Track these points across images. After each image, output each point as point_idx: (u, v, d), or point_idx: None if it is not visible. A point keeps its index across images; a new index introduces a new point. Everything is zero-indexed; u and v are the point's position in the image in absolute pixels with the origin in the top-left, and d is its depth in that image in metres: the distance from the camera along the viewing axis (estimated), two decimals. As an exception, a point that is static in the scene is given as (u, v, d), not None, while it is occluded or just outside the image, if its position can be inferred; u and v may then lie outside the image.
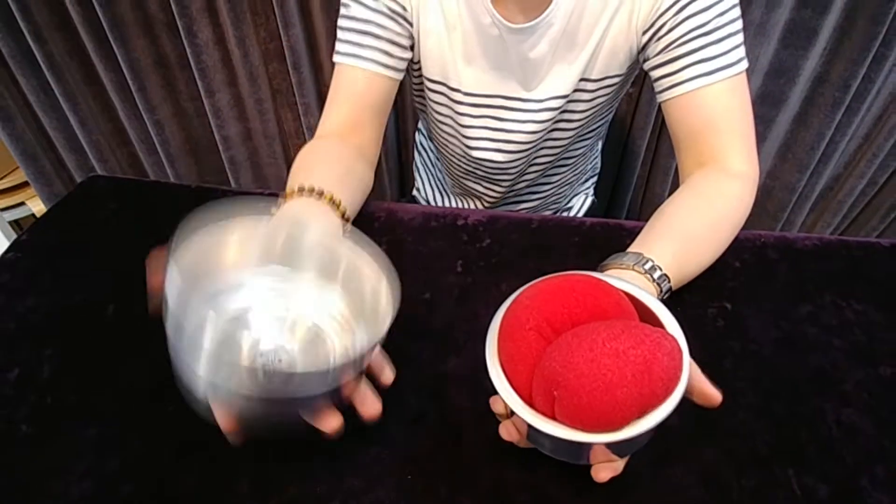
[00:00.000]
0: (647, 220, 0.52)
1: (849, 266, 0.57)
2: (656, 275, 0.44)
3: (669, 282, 0.45)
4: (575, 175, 0.82)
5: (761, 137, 1.12)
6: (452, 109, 0.67)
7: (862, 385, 0.46)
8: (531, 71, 0.61)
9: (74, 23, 1.03)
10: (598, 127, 0.73)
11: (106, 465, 0.41)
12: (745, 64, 0.54)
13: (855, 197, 1.23)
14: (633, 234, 0.51)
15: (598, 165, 0.91)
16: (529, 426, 0.33)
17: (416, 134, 0.92)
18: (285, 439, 0.40)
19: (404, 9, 0.60)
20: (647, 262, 0.45)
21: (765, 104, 1.07)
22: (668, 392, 0.32)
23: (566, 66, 0.61)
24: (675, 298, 0.47)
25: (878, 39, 0.95)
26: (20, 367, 0.48)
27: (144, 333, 0.39)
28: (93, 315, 0.53)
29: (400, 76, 0.63)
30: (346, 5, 0.60)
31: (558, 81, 0.62)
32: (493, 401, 0.38)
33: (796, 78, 1.02)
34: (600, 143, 0.89)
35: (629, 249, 0.47)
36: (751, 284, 0.54)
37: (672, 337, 0.33)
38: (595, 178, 0.91)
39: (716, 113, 0.55)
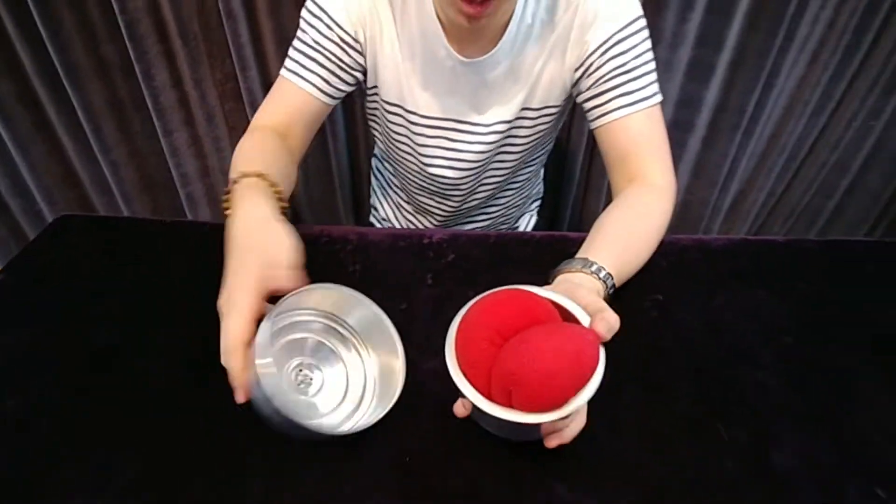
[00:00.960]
0: (588, 232, 0.62)
1: (752, 261, 0.68)
2: (602, 274, 0.53)
3: (613, 280, 0.54)
4: (521, 199, 0.92)
5: (676, 159, 1.27)
6: (409, 129, 0.74)
7: (769, 354, 0.56)
8: (480, 98, 0.70)
9: (25, 67, 1.04)
10: (541, 155, 0.83)
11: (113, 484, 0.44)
12: (659, 97, 0.66)
13: (759, 207, 1.41)
14: (577, 244, 0.59)
15: (542, 190, 1.02)
16: (493, 416, 0.40)
17: (373, 160, 0.99)
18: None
19: (356, 41, 0.67)
20: (593, 264, 0.53)
21: (677, 130, 1.23)
22: (592, 371, 0.40)
23: (510, 96, 0.70)
24: (617, 294, 0.56)
25: (766, 70, 1.13)
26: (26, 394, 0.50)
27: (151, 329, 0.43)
28: (86, 343, 0.55)
29: (334, 103, 0.70)
30: (302, 29, 0.67)
31: (503, 109, 0.71)
32: (456, 406, 0.45)
33: (700, 107, 1.19)
34: (542, 171, 1.00)
35: (577, 256, 0.56)
36: (677, 280, 0.65)
37: (590, 329, 0.42)
38: (539, 201, 1.01)
39: (639, 137, 0.66)
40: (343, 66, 0.68)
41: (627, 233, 0.60)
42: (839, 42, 1.14)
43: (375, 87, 0.72)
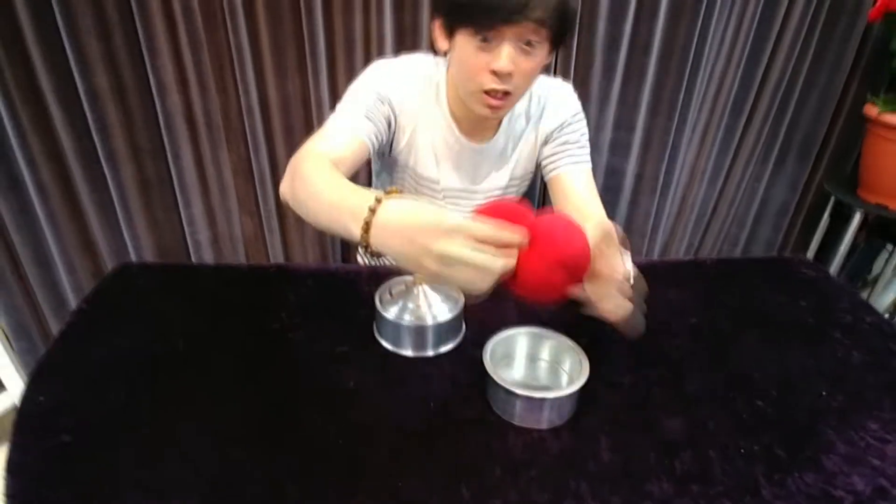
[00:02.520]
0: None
1: (666, 270, 0.93)
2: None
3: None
4: None
5: (610, 216, 1.55)
6: (420, 190, 0.96)
7: (681, 326, 0.78)
8: (481, 172, 0.95)
9: (66, 152, 1.22)
10: None
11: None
12: (590, 164, 0.94)
13: (681, 255, 1.71)
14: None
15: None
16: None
17: None
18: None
19: (395, 119, 0.87)
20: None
21: (608, 193, 1.53)
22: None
23: (502, 170, 0.96)
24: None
25: (668, 147, 1.46)
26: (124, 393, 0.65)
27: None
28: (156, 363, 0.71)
29: (369, 153, 0.82)
30: (352, 96, 0.83)
31: (497, 179, 0.97)
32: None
33: (624, 175, 1.50)
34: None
35: None
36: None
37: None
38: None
39: (580, 185, 0.92)
40: (383, 127, 0.85)
41: None
42: (720, 123, 1.51)
43: (413, 165, 0.93)
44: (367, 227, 0.54)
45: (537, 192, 1.41)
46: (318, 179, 0.65)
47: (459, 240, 0.50)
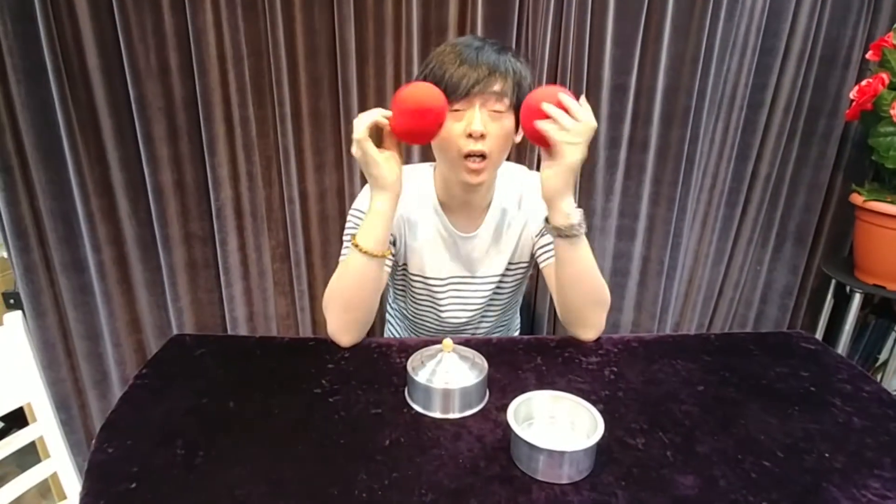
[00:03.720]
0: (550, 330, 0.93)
1: (675, 344, 1.00)
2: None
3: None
4: (507, 330, 1.24)
5: (619, 298, 1.65)
6: (429, 289, 1.07)
7: (688, 394, 0.84)
8: (474, 262, 1.06)
9: (125, 236, 1.37)
10: (519, 297, 1.18)
11: None
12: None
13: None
14: (557, 342, 0.90)
15: (519, 322, 1.34)
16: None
17: (389, 308, 1.30)
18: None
19: (392, 232, 0.99)
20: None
21: (616, 276, 1.63)
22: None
23: (496, 258, 1.06)
24: (580, 363, 0.85)
25: (671, 233, 1.58)
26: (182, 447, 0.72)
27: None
28: (216, 415, 0.79)
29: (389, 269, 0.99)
30: (351, 226, 0.99)
31: (493, 267, 1.07)
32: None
33: (630, 258, 1.60)
34: (519, 309, 1.33)
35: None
36: (626, 358, 0.95)
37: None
38: (518, 331, 1.33)
39: None
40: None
41: None
42: (717, 214, 1.64)
43: (405, 264, 1.06)
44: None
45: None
46: (333, 290, 0.93)
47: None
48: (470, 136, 0.88)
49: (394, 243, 1.02)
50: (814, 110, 1.55)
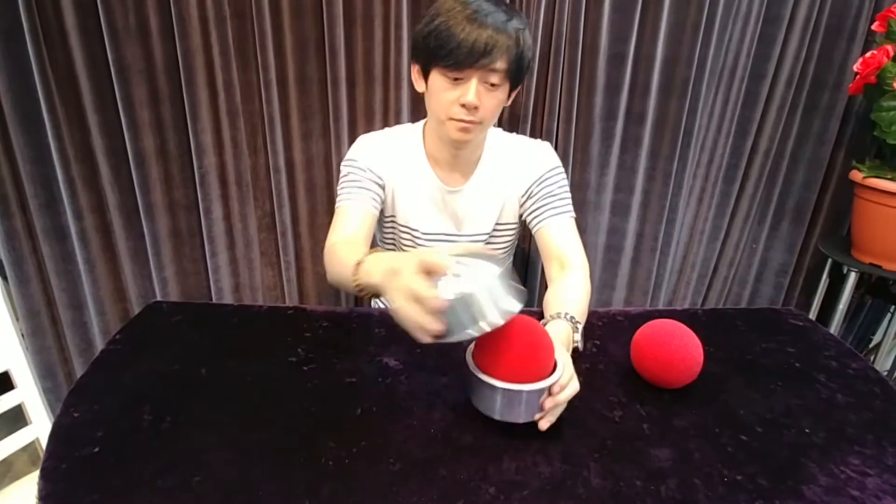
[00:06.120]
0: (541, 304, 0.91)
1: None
2: (573, 321, 0.82)
3: (577, 320, 0.83)
4: None
5: (612, 276, 1.62)
6: (415, 242, 1.07)
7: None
8: (460, 218, 1.05)
9: (108, 205, 1.35)
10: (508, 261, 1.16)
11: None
12: (573, 213, 1.02)
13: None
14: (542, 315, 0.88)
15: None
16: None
17: None
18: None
19: (381, 180, 1.02)
20: (567, 314, 0.82)
21: (610, 252, 1.60)
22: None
23: (483, 217, 1.05)
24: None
25: (666, 208, 1.54)
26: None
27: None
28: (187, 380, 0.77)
29: (377, 213, 1.01)
30: (344, 175, 1.01)
31: (479, 225, 1.06)
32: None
33: (624, 235, 1.57)
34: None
35: (550, 313, 0.84)
36: (609, 331, 0.93)
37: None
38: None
39: (563, 235, 0.99)
40: (376, 194, 1.02)
41: (574, 297, 0.90)
42: (714, 190, 1.60)
43: (393, 215, 1.06)
44: (356, 269, 0.74)
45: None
46: (334, 264, 0.88)
47: (404, 287, 0.60)
48: (463, 105, 0.88)
49: (383, 188, 1.03)
50: (817, 83, 1.50)
